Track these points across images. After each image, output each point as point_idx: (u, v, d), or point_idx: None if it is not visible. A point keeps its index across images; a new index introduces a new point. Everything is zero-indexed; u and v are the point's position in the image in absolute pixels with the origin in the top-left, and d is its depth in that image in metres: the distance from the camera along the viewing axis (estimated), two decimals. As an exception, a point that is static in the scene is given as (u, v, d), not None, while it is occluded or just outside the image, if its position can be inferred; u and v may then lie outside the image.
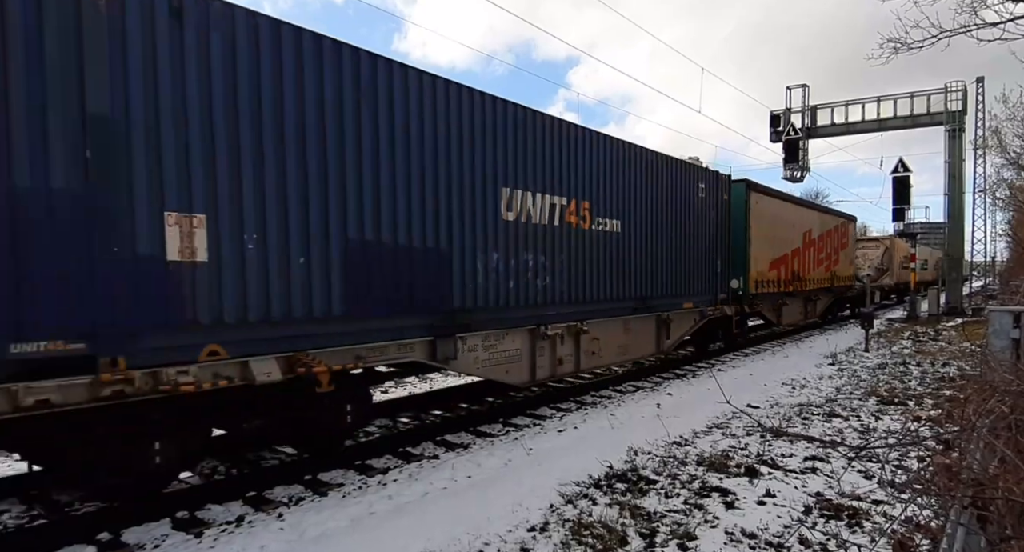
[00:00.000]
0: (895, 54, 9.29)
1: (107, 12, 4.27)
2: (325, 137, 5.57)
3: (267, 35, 5.15)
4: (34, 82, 3.97)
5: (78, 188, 4.16)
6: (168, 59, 4.57)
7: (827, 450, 6.29)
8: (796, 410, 8.34)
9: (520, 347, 8.05)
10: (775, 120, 28.32)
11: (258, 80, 5.09)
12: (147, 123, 4.47)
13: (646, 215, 10.43)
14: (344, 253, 5.77)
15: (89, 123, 4.19)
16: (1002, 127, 25.33)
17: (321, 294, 5.58)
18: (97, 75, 4.23)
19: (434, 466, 6.13)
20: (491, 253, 7.43)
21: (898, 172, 24.58)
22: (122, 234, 4.36)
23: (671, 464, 5.96)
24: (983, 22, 8.57)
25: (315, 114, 5.50)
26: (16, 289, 3.89)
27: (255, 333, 5.15)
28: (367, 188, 5.96)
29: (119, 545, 4.53)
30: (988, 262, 48.21)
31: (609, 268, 9.54)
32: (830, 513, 4.71)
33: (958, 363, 11.86)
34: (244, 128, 5.00)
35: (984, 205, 37.54)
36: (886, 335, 18.17)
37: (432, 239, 6.68)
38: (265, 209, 5.15)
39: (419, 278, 6.53)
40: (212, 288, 4.84)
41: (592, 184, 9.11)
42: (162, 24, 4.53)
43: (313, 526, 4.64)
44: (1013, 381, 3.74)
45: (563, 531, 4.45)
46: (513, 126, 7.75)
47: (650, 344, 11.00)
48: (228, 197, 4.92)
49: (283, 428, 6.13)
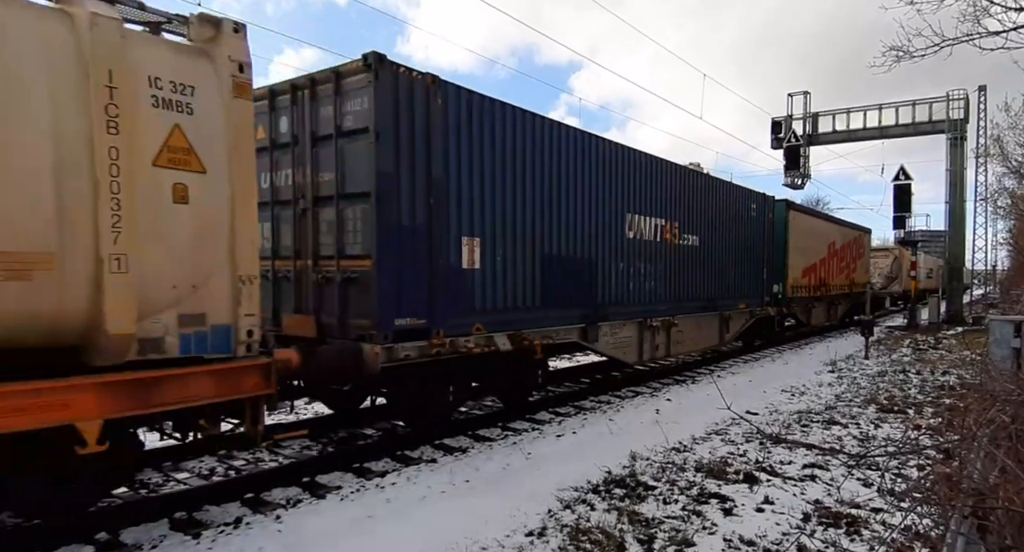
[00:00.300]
0: (897, 62, 9.29)
1: (441, 106, 6.68)
2: (527, 187, 7.94)
3: (523, 124, 7.85)
4: (404, 157, 6.32)
5: (425, 224, 6.55)
6: (468, 139, 7.05)
7: (826, 457, 6.28)
8: (795, 417, 8.33)
9: (632, 334, 10.30)
10: (776, 127, 28.34)
11: (505, 156, 7.57)
12: (456, 179, 6.91)
13: (714, 231, 12.77)
14: (540, 263, 8.16)
15: (432, 182, 6.58)
16: (1004, 136, 25.29)
17: (529, 291, 8.01)
18: (436, 148, 6.64)
19: (432, 469, 6.11)
20: (619, 263, 9.79)
21: (899, 180, 24.61)
22: (441, 251, 6.74)
23: (670, 470, 5.95)
24: (986, 31, 8.57)
25: (529, 172, 7.95)
26: (398, 286, 6.27)
27: (498, 317, 7.51)
28: (549, 219, 8.34)
29: (118, 545, 4.53)
30: (989, 271, 48.22)
31: (690, 274, 11.91)
32: (829, 521, 4.70)
33: (958, 372, 11.84)
34: (492, 184, 7.41)
35: (985, 214, 37.55)
36: (886, 343, 18.16)
37: (585, 253, 9.05)
38: (505, 235, 7.62)
39: (578, 281, 8.93)
40: (481, 286, 7.28)
41: (680, 207, 11.53)
42: (487, 115, 7.29)
43: (311, 528, 4.63)
44: (1014, 391, 3.73)
45: (561, 536, 4.44)
46: (634, 165, 10.10)
47: (715, 337, 13.20)
48: (490, 227, 7.39)
49: (500, 384, 8.37)
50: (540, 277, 8.13)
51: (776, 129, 28.32)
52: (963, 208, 25.63)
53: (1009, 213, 34.09)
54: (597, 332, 9.30)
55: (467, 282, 7.06)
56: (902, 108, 25.58)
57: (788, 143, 27.72)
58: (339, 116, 6.33)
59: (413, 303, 6.39)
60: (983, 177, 32.99)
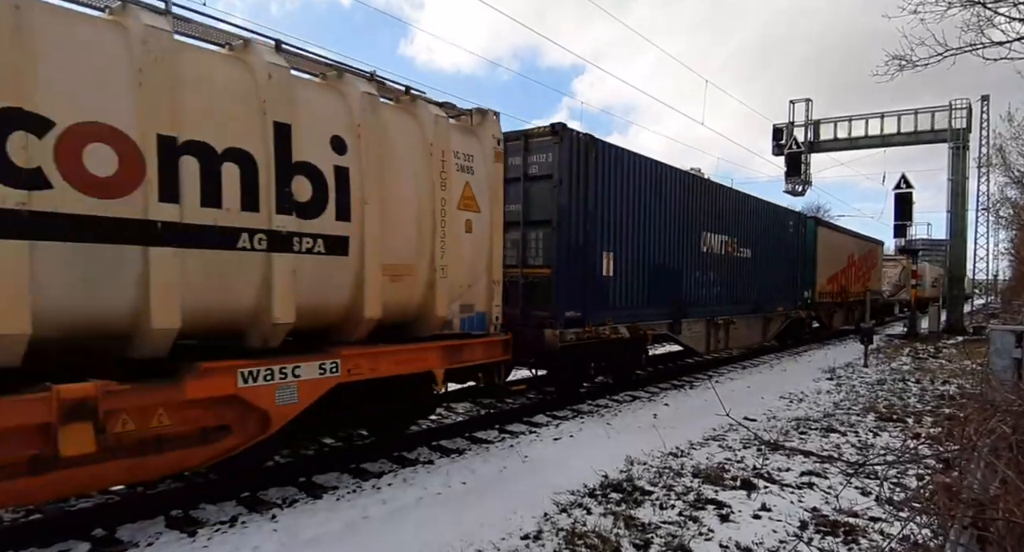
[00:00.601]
0: (900, 71, 9.31)
1: (594, 158, 9.06)
2: (641, 212, 10.29)
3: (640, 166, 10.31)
4: (573, 195, 8.77)
5: (582, 242, 8.93)
6: (606, 180, 9.37)
7: (824, 465, 6.26)
8: (793, 424, 8.31)
9: (702, 330, 12.51)
10: (778, 133, 28.32)
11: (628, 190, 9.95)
12: (601, 209, 9.29)
13: (760, 244, 14.98)
14: (648, 271, 10.53)
15: (587, 212, 9.00)
16: (1006, 146, 25.28)
17: (640, 293, 10.36)
18: (590, 188, 9.03)
19: (429, 471, 6.09)
20: (696, 271, 12.16)
21: (901, 188, 24.55)
22: (592, 263, 9.16)
23: (667, 475, 5.93)
24: (989, 41, 8.58)
25: (642, 201, 10.29)
26: (568, 287, 8.69)
27: (621, 312, 9.81)
28: (654, 237, 10.74)
29: (114, 542, 4.52)
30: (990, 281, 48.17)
31: (743, 282, 14.14)
32: (827, 529, 4.68)
33: (958, 382, 11.81)
34: (620, 211, 9.75)
35: (987, 223, 37.59)
36: (885, 351, 18.13)
37: (674, 263, 11.43)
38: (627, 250, 9.94)
39: (669, 286, 11.26)
40: (613, 288, 9.67)
41: (737, 225, 13.79)
42: (618, 161, 9.66)
43: (306, 528, 4.61)
44: (1015, 401, 3.72)
45: (557, 540, 4.42)
46: (707, 192, 12.67)
47: (759, 335, 15.58)
48: (618, 244, 9.74)
49: (617, 362, 10.49)
50: (647, 282, 10.49)
51: (777, 136, 28.31)
52: (965, 217, 25.60)
53: (1011, 223, 34.10)
54: (680, 326, 11.61)
55: (605, 285, 9.50)
56: (904, 117, 25.53)
57: (789, 150, 27.71)
58: (525, 165, 8.86)
59: (574, 300, 8.81)
60: (985, 187, 33.06)
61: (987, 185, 33.47)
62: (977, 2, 8.35)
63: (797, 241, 17.48)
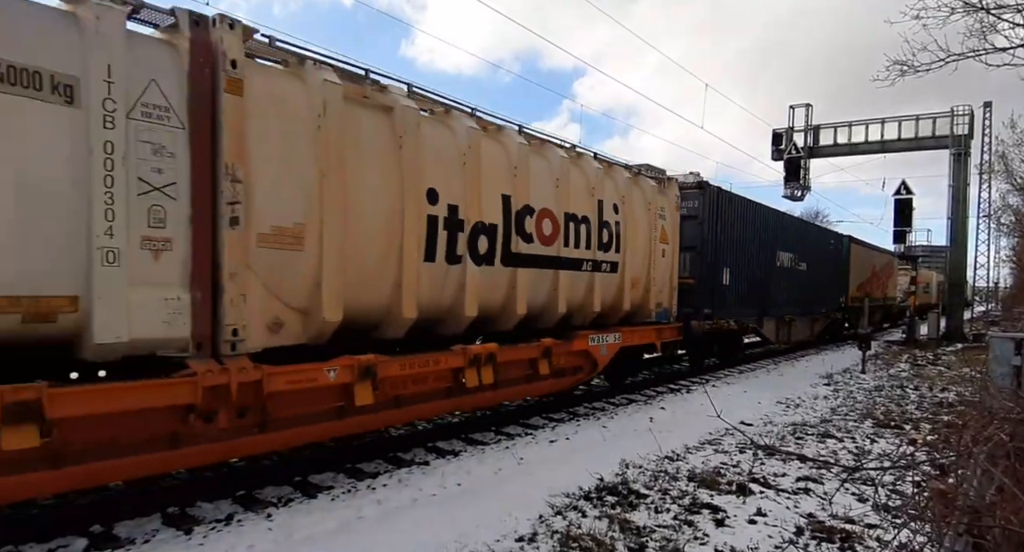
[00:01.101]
0: (901, 76, 9.29)
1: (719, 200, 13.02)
2: (741, 237, 13.88)
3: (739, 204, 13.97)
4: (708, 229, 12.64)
5: (713, 261, 12.67)
6: (723, 217, 13.06)
7: (820, 471, 6.25)
8: (790, 429, 8.30)
9: (774, 326, 16.43)
10: (777, 138, 28.29)
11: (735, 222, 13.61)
12: (722, 237, 12.99)
13: (811, 259, 18.60)
14: (746, 281, 14.06)
15: (715, 240, 12.83)
16: (1009, 153, 25.34)
17: (742, 296, 13.83)
18: (716, 223, 12.77)
19: (424, 472, 6.08)
20: (773, 280, 15.85)
21: (901, 194, 24.55)
22: (717, 275, 12.81)
23: (662, 479, 5.91)
24: (992, 47, 8.58)
25: (741, 229, 13.90)
26: (705, 292, 12.40)
27: (731, 310, 13.39)
28: (750, 255, 14.30)
29: (111, 538, 4.52)
30: (991, 288, 48.17)
31: (800, 289, 17.68)
32: (822, 535, 4.67)
33: (957, 388, 11.80)
34: (731, 237, 13.36)
35: (988, 230, 37.60)
36: (884, 357, 18.11)
37: (761, 275, 15.03)
38: (735, 265, 13.46)
39: (757, 291, 14.77)
40: (729, 293, 13.19)
41: (798, 243, 17.58)
42: (726, 202, 13.40)
43: (301, 527, 4.60)
44: (1013, 409, 3.71)
45: (551, 542, 4.41)
46: (781, 220, 16.70)
47: (808, 332, 19.53)
48: (731, 261, 13.32)
49: (725, 347, 14.73)
50: (746, 289, 13.96)
51: (777, 141, 28.28)
52: (966, 224, 25.52)
53: (1012, 230, 34.15)
54: (762, 322, 15.53)
55: (724, 291, 13.00)
56: (905, 122, 25.48)
57: (789, 155, 27.66)
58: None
59: (707, 301, 12.31)
60: (987, 194, 33.07)
61: (989, 192, 33.50)
62: (980, 8, 8.33)
63: (835, 255, 21.56)
